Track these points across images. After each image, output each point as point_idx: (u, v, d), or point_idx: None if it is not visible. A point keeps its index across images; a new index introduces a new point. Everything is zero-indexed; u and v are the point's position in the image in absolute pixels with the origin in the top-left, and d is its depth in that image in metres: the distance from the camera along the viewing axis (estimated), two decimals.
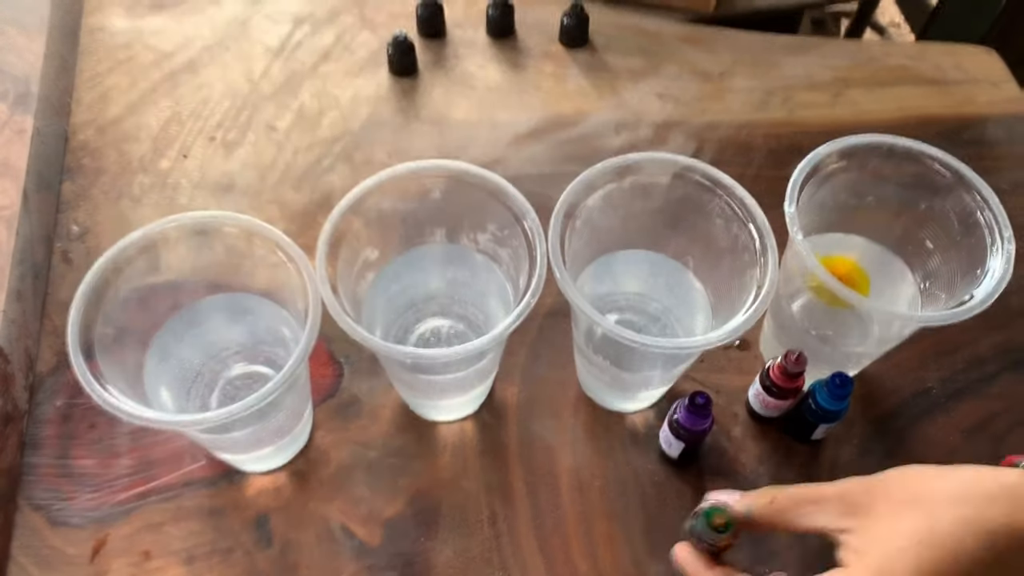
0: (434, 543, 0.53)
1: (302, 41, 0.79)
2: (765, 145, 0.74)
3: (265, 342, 0.55)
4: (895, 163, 0.54)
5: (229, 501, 0.54)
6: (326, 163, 0.70)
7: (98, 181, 0.68)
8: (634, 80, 0.78)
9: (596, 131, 0.74)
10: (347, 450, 0.56)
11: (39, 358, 0.58)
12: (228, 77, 0.75)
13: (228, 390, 0.55)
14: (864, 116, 0.76)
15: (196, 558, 0.52)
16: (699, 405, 0.50)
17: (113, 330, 0.47)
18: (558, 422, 0.58)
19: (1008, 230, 0.50)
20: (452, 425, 0.58)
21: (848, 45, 0.83)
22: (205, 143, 0.71)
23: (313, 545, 0.53)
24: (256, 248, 0.49)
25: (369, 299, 0.54)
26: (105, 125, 0.71)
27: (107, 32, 0.78)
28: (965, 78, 0.80)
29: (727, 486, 0.56)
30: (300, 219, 0.66)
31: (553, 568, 0.52)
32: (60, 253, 0.63)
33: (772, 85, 0.78)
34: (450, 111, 0.75)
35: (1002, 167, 0.74)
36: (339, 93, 0.75)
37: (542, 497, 0.55)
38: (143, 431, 0.56)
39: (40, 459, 0.55)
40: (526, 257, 0.48)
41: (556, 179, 0.69)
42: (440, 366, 0.50)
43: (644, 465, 0.57)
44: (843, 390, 0.52)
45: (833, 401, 0.53)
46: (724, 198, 0.50)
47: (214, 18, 0.80)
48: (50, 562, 0.51)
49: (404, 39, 0.74)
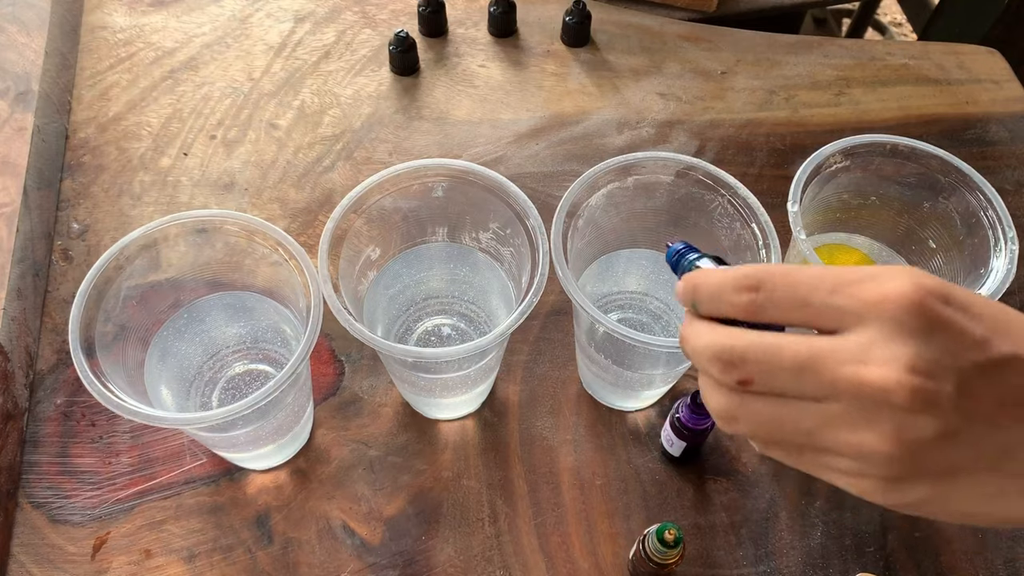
0: (435, 541, 0.53)
1: (303, 39, 0.79)
2: (767, 144, 0.74)
3: (266, 340, 0.55)
4: (898, 162, 0.53)
5: (230, 499, 0.54)
6: (327, 161, 0.70)
7: (98, 179, 0.68)
8: (636, 79, 0.78)
9: (598, 130, 0.74)
10: (348, 448, 0.56)
11: (39, 356, 0.58)
12: (229, 75, 0.75)
13: (229, 388, 0.55)
14: (866, 115, 0.76)
15: (197, 556, 0.52)
16: (701, 404, 0.50)
17: (114, 328, 0.47)
18: (559, 420, 0.58)
19: (1011, 230, 0.50)
20: (453, 423, 0.58)
21: (850, 44, 0.83)
22: (206, 141, 0.71)
23: (314, 543, 0.53)
24: (257, 246, 0.49)
25: (370, 297, 0.53)
26: (106, 123, 0.71)
27: (108, 29, 0.78)
28: (968, 78, 0.80)
29: (728, 485, 0.56)
30: (301, 217, 0.66)
31: (554, 566, 0.52)
32: (60, 251, 0.63)
33: (774, 84, 0.78)
34: (452, 109, 0.74)
35: (1005, 167, 0.74)
36: (340, 91, 0.75)
37: (543, 495, 0.55)
38: (143, 429, 0.56)
39: (40, 457, 0.54)
40: (528, 256, 0.48)
41: (558, 178, 0.70)
42: (441, 365, 0.49)
43: (645, 464, 0.57)
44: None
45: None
46: (726, 197, 0.50)
47: (215, 15, 0.80)
48: (50, 560, 0.51)
49: (406, 37, 0.74)
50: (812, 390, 0.29)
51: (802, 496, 0.56)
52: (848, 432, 0.29)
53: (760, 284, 0.31)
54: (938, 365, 0.28)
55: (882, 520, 0.55)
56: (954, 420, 0.28)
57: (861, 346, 0.29)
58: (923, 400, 0.28)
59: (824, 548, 0.54)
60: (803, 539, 0.54)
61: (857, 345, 0.29)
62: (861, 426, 0.29)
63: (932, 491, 0.29)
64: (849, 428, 0.29)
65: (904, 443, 0.28)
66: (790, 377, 0.29)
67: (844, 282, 0.30)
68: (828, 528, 0.55)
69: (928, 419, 0.28)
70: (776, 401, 0.30)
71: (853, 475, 0.30)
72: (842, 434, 0.29)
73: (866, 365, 0.28)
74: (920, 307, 0.28)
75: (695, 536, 0.54)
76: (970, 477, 0.29)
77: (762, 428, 0.31)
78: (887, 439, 0.28)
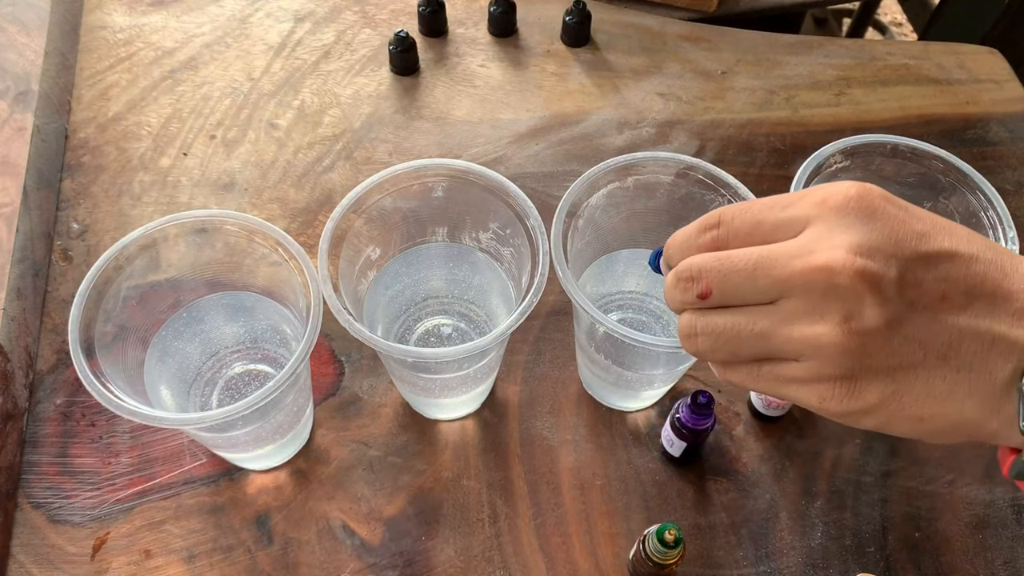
0: (435, 541, 0.53)
1: (303, 39, 0.79)
2: (768, 144, 0.74)
3: (265, 340, 0.55)
4: (898, 162, 0.53)
5: (230, 499, 0.54)
6: (327, 161, 0.70)
7: (98, 179, 0.68)
8: (636, 79, 0.78)
9: (598, 130, 0.74)
10: (348, 448, 0.56)
11: (39, 356, 0.58)
12: (229, 75, 0.75)
13: (228, 388, 0.55)
14: (867, 115, 0.76)
15: (196, 556, 0.52)
16: (701, 404, 0.50)
17: (113, 328, 0.47)
18: (560, 420, 0.58)
19: (1012, 230, 0.50)
20: (453, 423, 0.58)
21: (851, 44, 0.83)
22: (206, 141, 0.71)
23: (314, 543, 0.53)
24: (257, 246, 0.49)
25: (370, 297, 0.53)
26: (105, 123, 0.71)
27: (108, 29, 0.78)
28: (968, 78, 0.80)
29: (729, 485, 0.56)
30: (301, 217, 0.66)
31: (554, 567, 0.52)
32: (60, 251, 0.63)
33: (774, 84, 0.78)
34: (452, 109, 0.74)
35: (1005, 167, 0.74)
36: (340, 91, 0.75)
37: (543, 496, 0.55)
38: (143, 429, 0.56)
39: (40, 457, 0.54)
40: (528, 256, 0.48)
41: (558, 178, 0.70)
42: (441, 365, 0.49)
43: (646, 464, 0.57)
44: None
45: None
46: (727, 197, 0.50)
47: (215, 15, 0.80)
48: (50, 560, 0.51)
49: (406, 37, 0.74)
50: (765, 289, 0.31)
51: (802, 496, 0.56)
52: (802, 326, 0.30)
53: (720, 220, 0.33)
54: (880, 251, 0.29)
55: (883, 520, 0.55)
56: (899, 308, 0.29)
57: (809, 240, 0.30)
58: (867, 281, 0.29)
59: (824, 548, 0.54)
60: (803, 539, 0.54)
61: (805, 240, 0.30)
62: (813, 318, 0.30)
63: (885, 390, 0.30)
64: (802, 322, 0.30)
65: (853, 332, 0.29)
66: (744, 280, 0.31)
67: (795, 197, 0.32)
68: (828, 528, 0.55)
69: (873, 305, 0.29)
70: (733, 311, 0.32)
71: (811, 380, 0.31)
72: (796, 330, 0.30)
73: (813, 254, 0.30)
74: (861, 200, 0.30)
75: (695, 536, 0.54)
76: (919, 373, 0.30)
77: (720, 339, 0.32)
78: (837, 328, 0.29)
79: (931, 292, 0.29)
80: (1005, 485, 0.57)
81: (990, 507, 0.56)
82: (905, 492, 0.56)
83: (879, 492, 0.56)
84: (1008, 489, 0.57)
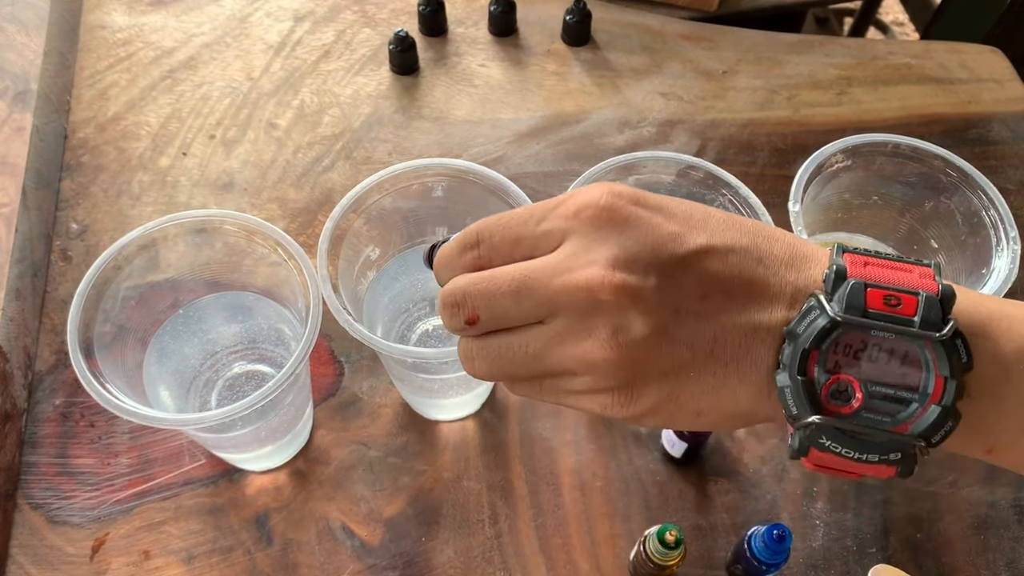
0: (435, 542, 0.53)
1: (303, 38, 0.78)
2: (769, 143, 0.73)
3: (265, 341, 0.55)
4: (900, 162, 0.53)
5: (229, 500, 0.54)
6: (327, 161, 0.70)
7: (97, 179, 0.67)
8: (637, 78, 0.78)
9: (599, 129, 0.74)
10: (347, 449, 0.56)
11: (38, 356, 0.58)
12: (228, 74, 0.75)
13: (228, 389, 0.54)
14: (868, 115, 0.76)
15: (196, 557, 0.51)
16: None
17: (112, 328, 0.47)
18: (560, 421, 0.58)
19: (1014, 229, 0.50)
20: (453, 424, 0.58)
21: (852, 43, 0.83)
22: (205, 141, 0.71)
23: (313, 544, 0.52)
24: (256, 246, 0.49)
25: (370, 298, 0.53)
26: (104, 122, 0.71)
27: (107, 29, 0.78)
28: (970, 77, 0.80)
29: (730, 486, 0.56)
30: (300, 217, 0.66)
31: (554, 568, 0.52)
32: (59, 251, 0.63)
33: (776, 83, 0.78)
34: (451, 109, 0.74)
35: (1007, 166, 0.74)
36: (340, 91, 0.75)
37: (544, 496, 0.55)
38: (142, 430, 0.55)
39: (39, 458, 0.54)
40: None
41: (558, 177, 0.70)
42: (441, 365, 0.49)
43: (646, 465, 0.56)
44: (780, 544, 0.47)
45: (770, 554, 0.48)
46: (728, 197, 0.50)
47: (214, 15, 0.80)
48: (49, 561, 0.51)
49: (405, 36, 0.74)
50: (532, 310, 0.30)
51: (803, 497, 0.56)
52: (572, 345, 0.30)
53: (479, 238, 0.33)
54: (637, 261, 0.29)
55: (884, 521, 0.55)
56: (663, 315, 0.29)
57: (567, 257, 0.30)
58: (629, 295, 0.29)
59: (825, 549, 0.54)
60: (804, 540, 0.54)
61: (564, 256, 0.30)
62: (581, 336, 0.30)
63: (660, 392, 0.30)
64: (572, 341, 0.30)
65: (622, 346, 0.29)
66: (510, 303, 0.31)
67: (548, 208, 0.31)
68: (829, 529, 0.54)
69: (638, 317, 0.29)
70: (504, 333, 0.32)
71: (591, 392, 0.31)
72: (567, 349, 0.30)
73: (572, 272, 0.30)
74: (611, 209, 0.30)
75: (696, 537, 0.54)
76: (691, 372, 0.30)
77: (497, 363, 0.32)
78: (606, 344, 0.29)
79: (691, 295, 0.30)
80: (1007, 486, 0.57)
81: (992, 508, 0.56)
82: (907, 493, 0.56)
83: (880, 493, 0.56)
84: (1011, 490, 0.57)
